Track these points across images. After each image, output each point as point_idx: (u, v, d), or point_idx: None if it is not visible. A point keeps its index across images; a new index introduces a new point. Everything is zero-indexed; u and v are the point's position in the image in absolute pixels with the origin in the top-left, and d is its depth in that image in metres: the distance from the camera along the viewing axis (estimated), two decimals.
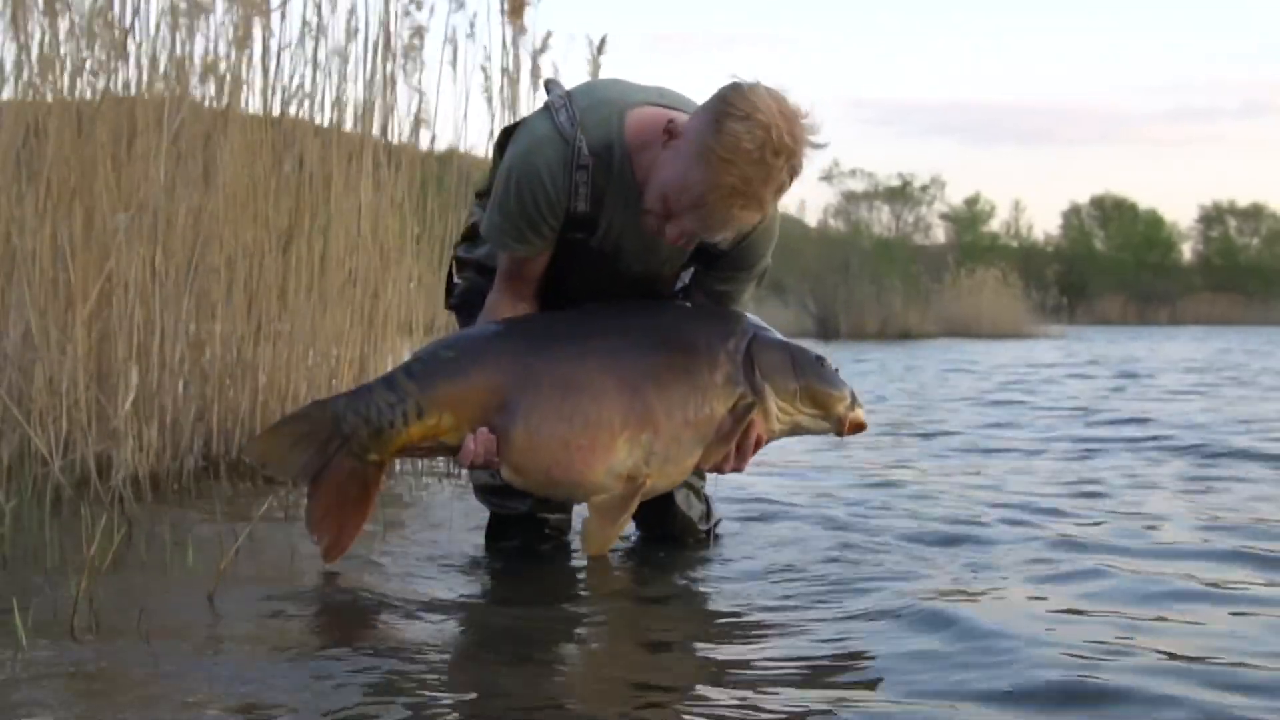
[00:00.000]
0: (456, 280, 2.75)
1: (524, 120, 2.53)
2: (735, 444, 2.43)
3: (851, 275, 22.66)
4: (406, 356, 2.61)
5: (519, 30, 4.14)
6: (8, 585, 2.31)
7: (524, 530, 2.78)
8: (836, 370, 2.53)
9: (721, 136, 2.18)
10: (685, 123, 2.30)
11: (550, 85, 2.52)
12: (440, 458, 2.53)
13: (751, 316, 2.57)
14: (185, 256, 3.55)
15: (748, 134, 2.17)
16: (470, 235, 2.72)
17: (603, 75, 4.22)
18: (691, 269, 2.60)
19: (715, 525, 2.94)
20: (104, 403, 3.29)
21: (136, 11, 3.56)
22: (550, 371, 2.39)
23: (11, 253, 3.29)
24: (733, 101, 2.21)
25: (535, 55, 4.22)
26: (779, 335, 2.55)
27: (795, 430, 2.52)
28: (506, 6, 4.12)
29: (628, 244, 2.48)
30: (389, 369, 2.71)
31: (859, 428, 2.53)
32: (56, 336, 3.26)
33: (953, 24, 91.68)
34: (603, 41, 4.19)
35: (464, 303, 2.73)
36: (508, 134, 2.58)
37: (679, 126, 2.30)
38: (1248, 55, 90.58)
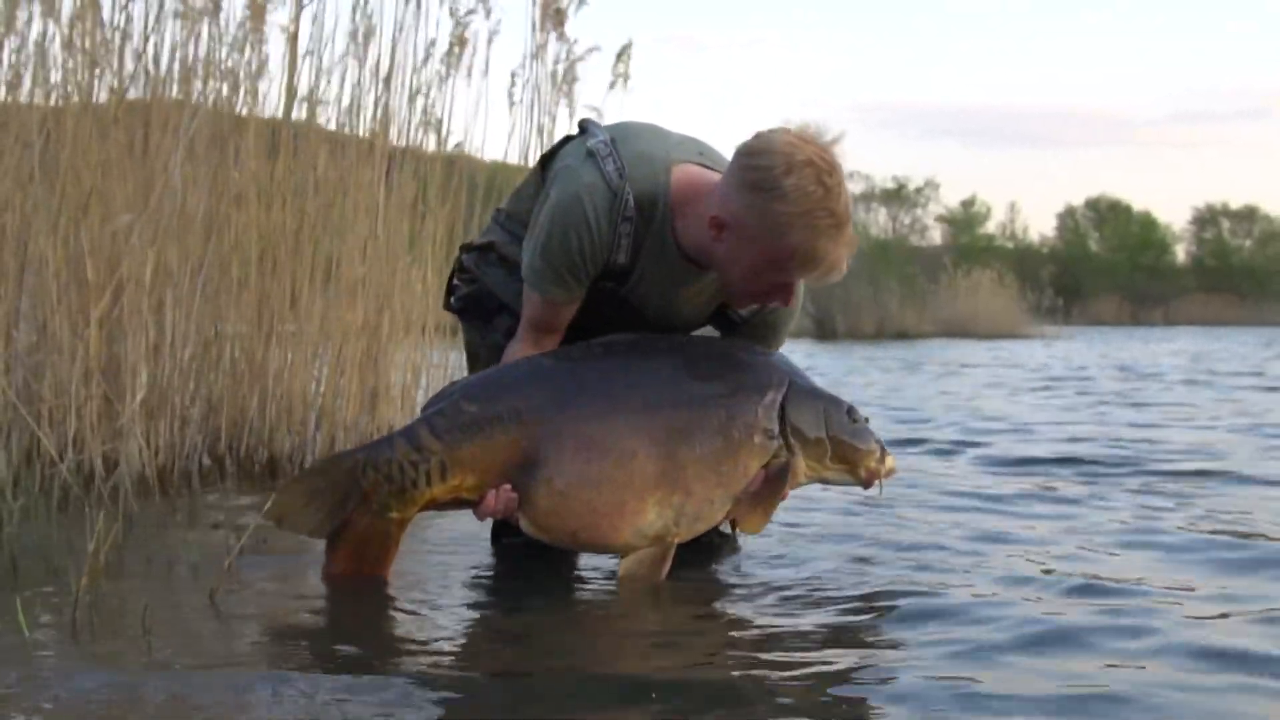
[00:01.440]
0: (457, 282, 2.70)
1: (568, 163, 2.45)
2: (770, 502, 2.37)
3: (849, 276, 22.46)
4: (419, 395, 2.51)
5: (561, 39, 4.13)
6: (13, 582, 2.30)
7: (528, 541, 2.74)
8: (867, 421, 2.46)
9: (789, 197, 2.19)
10: (729, 208, 2.27)
11: (588, 126, 2.49)
12: (457, 510, 2.47)
13: (785, 361, 2.48)
14: (198, 258, 3.55)
15: (803, 180, 2.19)
16: (482, 248, 2.67)
17: (630, 82, 4.24)
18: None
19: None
20: (114, 401, 3.29)
21: (128, 15, 3.56)
22: (577, 431, 2.29)
23: (23, 253, 3.29)
24: (766, 163, 2.21)
25: (574, 62, 4.21)
26: (813, 384, 2.46)
27: (821, 482, 2.47)
28: (539, 14, 4.11)
29: (654, 297, 2.46)
30: (407, 421, 2.56)
31: (891, 475, 2.47)
32: (68, 337, 3.25)
33: (950, 29, 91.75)
34: (625, 49, 4.17)
35: (466, 308, 2.68)
36: (545, 161, 2.55)
37: (724, 218, 2.27)
38: (1240, 61, 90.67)
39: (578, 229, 2.35)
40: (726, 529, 2.82)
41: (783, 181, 2.19)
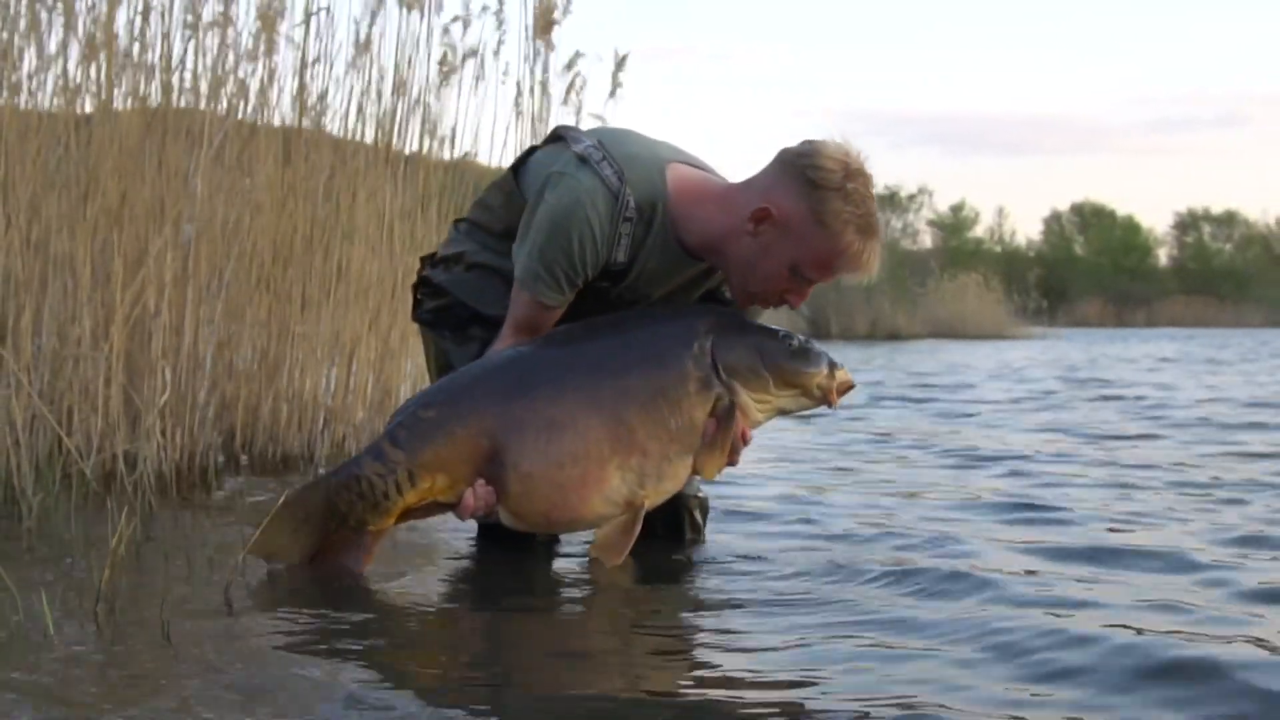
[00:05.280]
0: (422, 296, 2.66)
1: (558, 169, 2.39)
2: (723, 444, 2.35)
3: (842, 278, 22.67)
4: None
5: (547, 46, 4.14)
6: (36, 576, 2.31)
7: (512, 531, 2.72)
8: (807, 342, 2.40)
9: (851, 199, 2.31)
10: (780, 202, 2.32)
11: (566, 133, 2.46)
12: (440, 515, 2.46)
13: (712, 307, 2.44)
14: (217, 262, 3.56)
15: (860, 186, 2.32)
16: (448, 259, 2.63)
17: (621, 90, 4.25)
18: None
19: (705, 514, 2.85)
20: (136, 401, 3.30)
21: (146, 25, 3.57)
22: (532, 415, 2.29)
23: (46, 257, 3.30)
24: (829, 165, 2.32)
25: (571, 68, 4.22)
26: (742, 320, 2.41)
27: (781, 413, 2.42)
28: (536, 24, 4.12)
29: (648, 293, 2.46)
30: (377, 436, 2.52)
31: (847, 389, 2.40)
32: (90, 339, 3.26)
33: (939, 37, 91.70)
34: (624, 59, 4.19)
35: (437, 320, 2.65)
36: (516, 169, 2.53)
37: (774, 211, 2.31)
38: (1221, 68, 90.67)
39: (580, 233, 2.35)
40: (698, 515, 2.81)
41: (846, 184, 2.30)
